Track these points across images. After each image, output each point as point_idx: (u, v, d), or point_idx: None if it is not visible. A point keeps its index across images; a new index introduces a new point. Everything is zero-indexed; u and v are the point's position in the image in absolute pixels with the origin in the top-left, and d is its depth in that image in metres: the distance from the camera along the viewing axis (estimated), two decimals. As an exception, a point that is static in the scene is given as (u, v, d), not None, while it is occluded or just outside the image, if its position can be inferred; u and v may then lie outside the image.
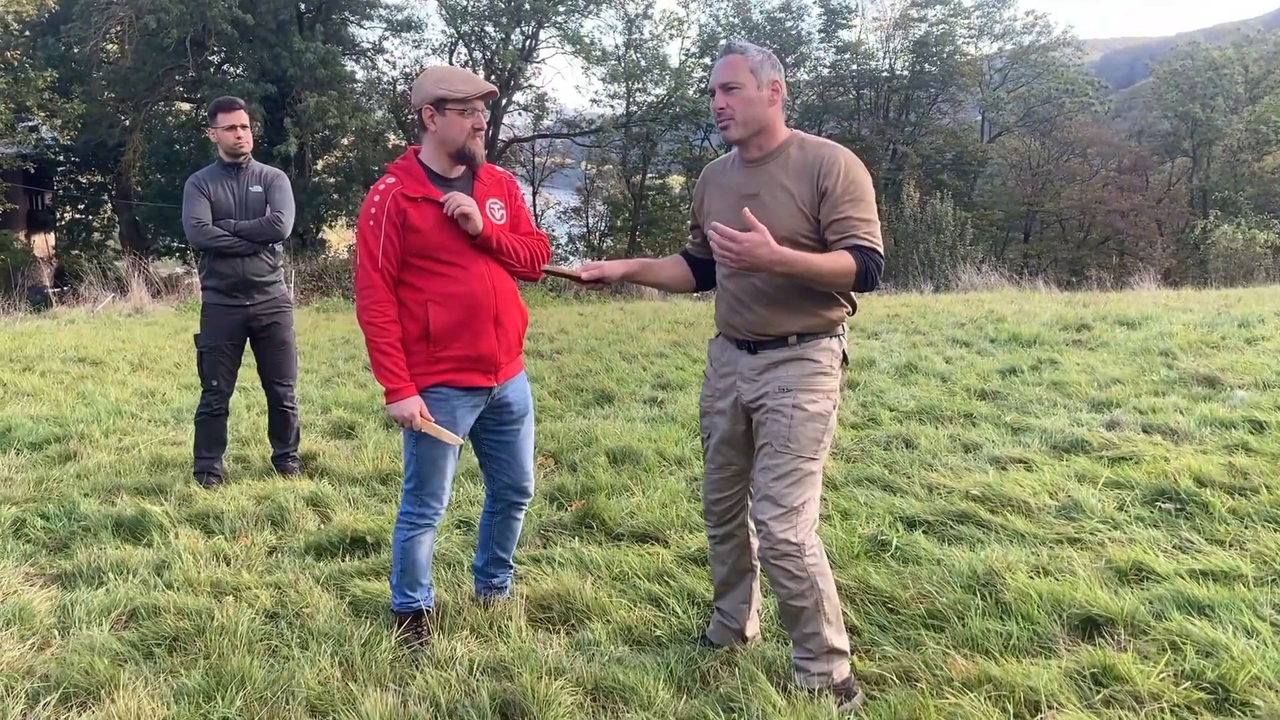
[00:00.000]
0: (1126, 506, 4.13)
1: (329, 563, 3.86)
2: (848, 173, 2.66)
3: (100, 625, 3.27)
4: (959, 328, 9.33)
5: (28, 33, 26.54)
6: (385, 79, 32.68)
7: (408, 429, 3.05)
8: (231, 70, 29.51)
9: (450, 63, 31.43)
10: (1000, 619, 3.15)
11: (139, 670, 2.97)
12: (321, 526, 4.27)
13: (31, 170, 28.78)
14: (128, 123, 28.31)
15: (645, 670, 2.88)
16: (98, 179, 32.61)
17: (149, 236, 30.70)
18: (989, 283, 16.19)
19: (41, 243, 30.76)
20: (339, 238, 31.38)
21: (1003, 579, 3.36)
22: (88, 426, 6.02)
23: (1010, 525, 3.96)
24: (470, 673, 2.93)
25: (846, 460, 5.05)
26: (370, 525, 4.14)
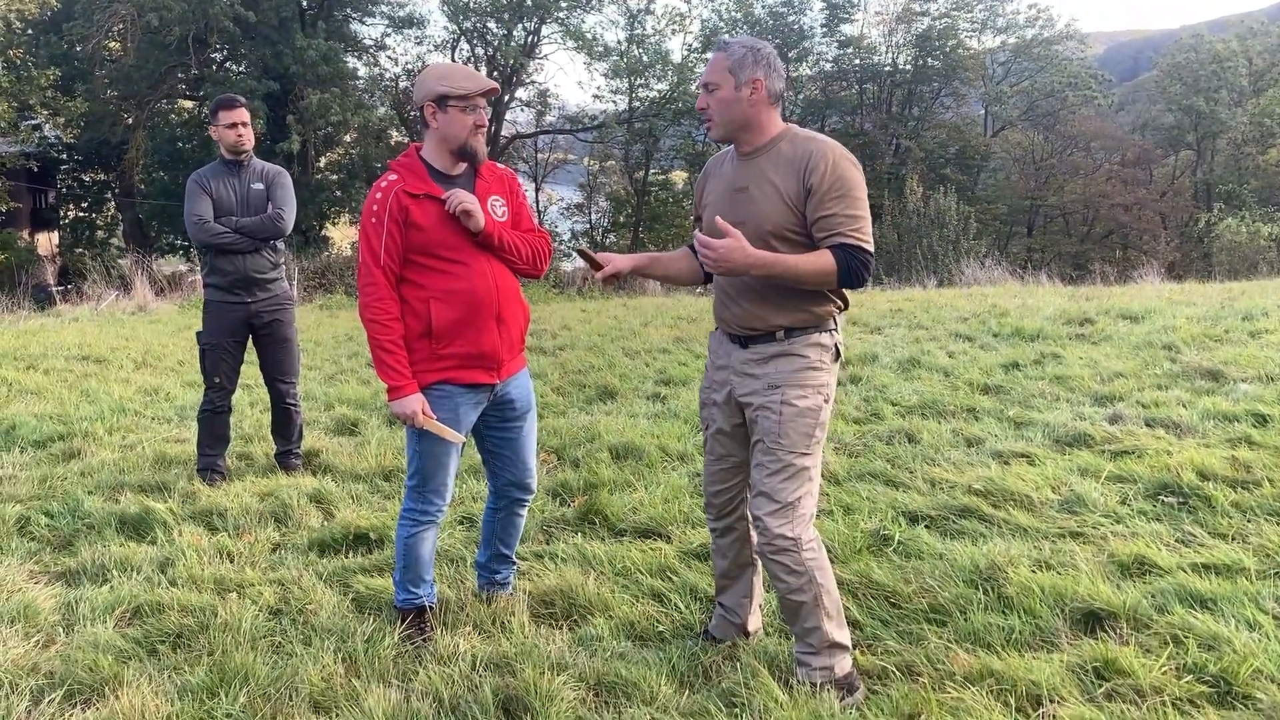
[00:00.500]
0: (1129, 500, 4.13)
1: (332, 559, 3.88)
2: (834, 168, 2.65)
3: (104, 622, 3.28)
4: (962, 322, 9.31)
5: (30, 31, 26.51)
6: (387, 76, 32.75)
7: (410, 426, 3.06)
8: (234, 67, 29.46)
9: (452, 59, 31.42)
10: (1002, 613, 3.15)
11: (143, 667, 2.98)
12: (325, 523, 4.28)
13: (35, 169, 28.74)
14: (130, 121, 28.31)
15: (647, 665, 2.89)
16: (101, 177, 32.58)
17: (152, 234, 30.71)
18: (992, 277, 16.15)
19: (45, 241, 30.76)
20: (342, 235, 31.38)
21: (1005, 573, 3.36)
22: (91, 424, 6.03)
23: (1012, 519, 3.97)
24: (473, 668, 2.94)
25: (849, 455, 5.05)
26: (373, 522, 4.15)
